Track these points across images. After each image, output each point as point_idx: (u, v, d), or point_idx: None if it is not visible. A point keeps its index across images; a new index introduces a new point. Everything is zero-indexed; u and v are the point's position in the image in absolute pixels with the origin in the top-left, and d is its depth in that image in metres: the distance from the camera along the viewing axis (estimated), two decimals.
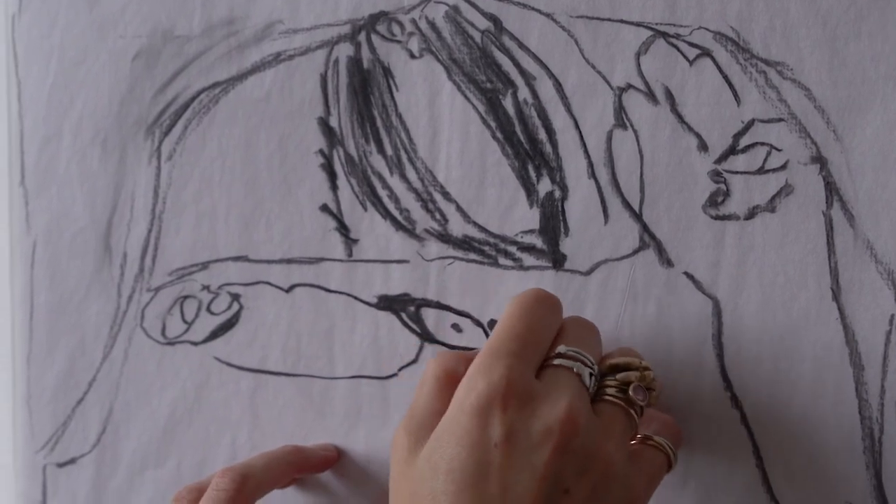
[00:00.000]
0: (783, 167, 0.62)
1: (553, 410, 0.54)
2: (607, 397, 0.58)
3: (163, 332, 0.73)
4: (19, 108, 0.74)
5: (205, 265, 0.72)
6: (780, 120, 0.62)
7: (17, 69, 0.74)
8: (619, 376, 0.58)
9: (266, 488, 0.68)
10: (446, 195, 0.67)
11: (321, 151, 0.69)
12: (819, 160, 0.61)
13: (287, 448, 0.70)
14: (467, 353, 0.59)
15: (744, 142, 0.62)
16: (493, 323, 0.66)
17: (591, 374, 0.57)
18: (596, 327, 0.61)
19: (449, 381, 0.58)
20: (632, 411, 0.58)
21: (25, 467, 0.76)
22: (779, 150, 0.62)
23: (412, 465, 0.56)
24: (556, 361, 0.57)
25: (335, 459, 0.71)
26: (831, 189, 0.61)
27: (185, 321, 0.73)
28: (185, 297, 0.73)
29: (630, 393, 0.57)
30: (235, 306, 0.72)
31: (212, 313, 0.72)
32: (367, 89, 0.68)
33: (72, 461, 0.76)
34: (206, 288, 0.72)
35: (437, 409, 0.57)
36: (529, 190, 0.65)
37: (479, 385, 0.55)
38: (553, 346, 0.58)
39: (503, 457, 0.53)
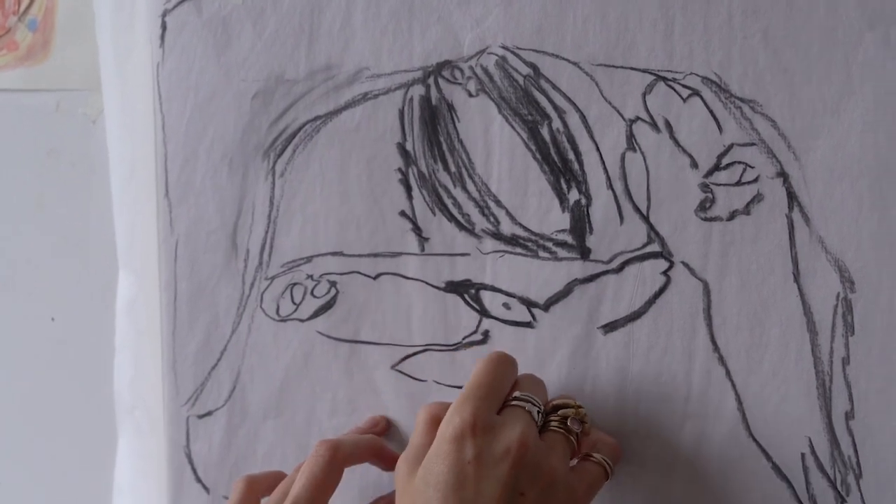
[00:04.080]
0: (755, 180, 0.73)
1: (510, 435, 0.67)
2: (551, 427, 0.71)
3: (277, 312, 0.83)
4: (163, 136, 0.84)
5: (309, 259, 0.82)
6: (753, 144, 0.73)
7: (161, 106, 0.84)
8: (559, 412, 0.71)
9: (351, 461, 0.78)
10: (498, 203, 0.78)
11: (399, 169, 0.80)
12: (782, 175, 0.73)
13: (369, 438, 0.81)
14: (445, 403, 0.72)
15: (725, 161, 0.74)
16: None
17: (538, 412, 0.70)
18: (543, 381, 0.74)
19: (434, 423, 0.70)
20: (570, 437, 0.70)
21: (172, 418, 0.87)
22: (752, 168, 0.73)
23: (410, 483, 0.69)
24: (513, 402, 0.70)
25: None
26: (792, 197, 0.73)
27: (294, 303, 0.83)
28: (294, 284, 0.83)
29: (568, 423, 0.71)
30: (333, 291, 0.82)
31: (315, 297, 0.83)
32: (435, 121, 0.78)
33: (209, 413, 0.86)
34: (310, 277, 0.82)
35: (426, 443, 0.70)
36: (562, 198, 0.76)
37: (454, 420, 0.68)
38: (510, 392, 0.71)
39: (475, 470, 0.66)
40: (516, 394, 0.71)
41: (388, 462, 0.81)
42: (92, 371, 0.95)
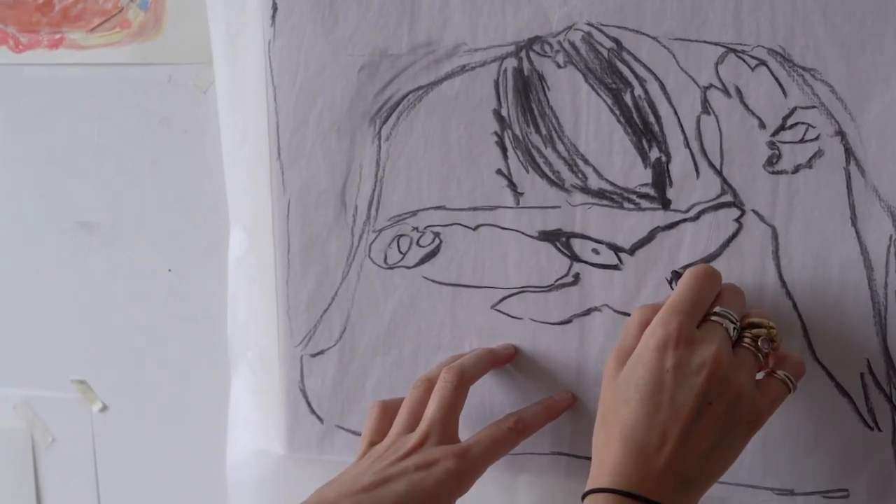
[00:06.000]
0: (816, 138, 0.81)
1: (707, 351, 0.75)
2: (744, 344, 0.77)
3: (385, 261, 0.92)
4: (275, 105, 0.91)
5: (414, 213, 0.90)
6: (814, 107, 0.81)
7: (273, 78, 0.91)
8: (753, 331, 0.78)
9: (474, 379, 0.88)
10: (586, 161, 0.86)
11: (495, 133, 0.87)
12: (840, 133, 0.81)
13: (483, 350, 0.90)
14: (657, 307, 0.79)
15: (790, 122, 0.81)
16: (675, 273, 0.85)
17: (734, 328, 0.77)
18: (743, 292, 0.81)
19: (644, 327, 0.78)
20: (759, 355, 0.77)
21: (287, 357, 0.96)
22: (813, 127, 0.81)
23: (615, 379, 0.77)
24: (713, 318, 0.77)
25: (514, 355, 0.91)
26: (849, 152, 0.81)
27: (400, 252, 0.92)
28: (401, 236, 0.91)
29: (759, 343, 0.77)
30: (437, 241, 0.90)
31: (420, 246, 0.91)
32: (527, 89, 0.86)
33: (321, 352, 0.95)
34: (415, 229, 0.91)
35: (634, 346, 0.78)
36: (644, 157, 0.84)
37: (658, 332, 0.76)
38: (713, 304, 0.78)
39: (672, 378, 0.74)
40: (717, 309, 0.78)
41: (504, 362, 0.92)
42: (205, 316, 1.05)
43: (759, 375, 0.78)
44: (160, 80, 1.01)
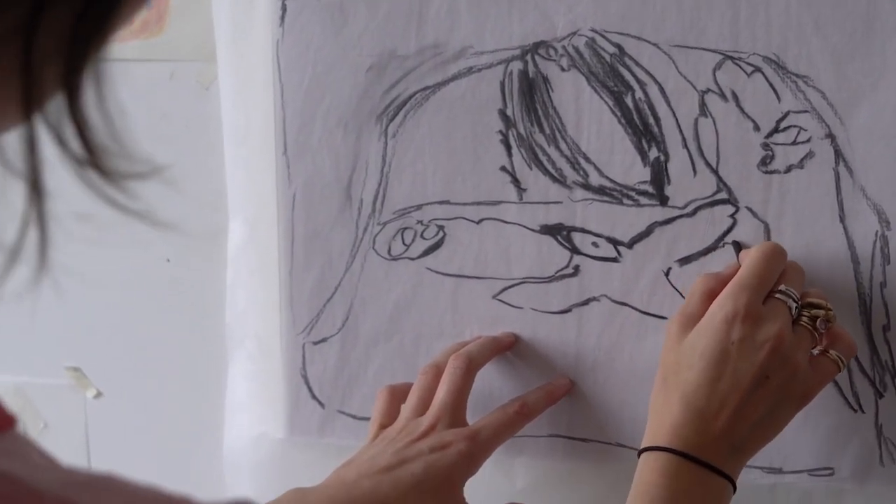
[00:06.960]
0: (808, 140, 0.86)
1: (771, 328, 0.79)
2: (802, 322, 0.82)
3: (389, 252, 0.95)
4: (282, 102, 0.94)
5: (419, 207, 0.93)
6: (806, 111, 0.86)
7: (281, 76, 0.93)
8: (812, 312, 0.82)
9: (480, 365, 0.92)
10: (587, 159, 0.90)
11: (500, 131, 0.91)
12: (830, 136, 0.86)
13: (487, 338, 0.94)
14: (722, 277, 0.84)
15: (783, 125, 0.86)
16: (736, 245, 0.88)
17: (796, 307, 0.82)
18: (804, 271, 0.85)
19: (709, 295, 0.83)
20: (815, 334, 0.82)
21: (290, 345, 0.99)
22: (805, 130, 0.86)
23: (679, 343, 0.82)
24: (777, 296, 0.82)
25: (514, 342, 0.96)
26: (838, 154, 0.86)
27: (404, 244, 0.95)
28: (405, 228, 0.94)
29: (817, 323, 0.82)
30: (441, 233, 0.94)
31: (424, 239, 0.94)
32: (532, 91, 0.90)
33: (323, 340, 0.98)
34: (420, 222, 0.94)
35: (697, 313, 0.82)
36: (643, 156, 0.89)
37: (728, 305, 0.80)
38: (778, 282, 0.82)
39: (737, 351, 0.79)
40: (781, 287, 0.82)
41: (505, 349, 0.95)
42: (201, 305, 1.08)
43: (814, 352, 0.83)
44: (162, 76, 1.02)
